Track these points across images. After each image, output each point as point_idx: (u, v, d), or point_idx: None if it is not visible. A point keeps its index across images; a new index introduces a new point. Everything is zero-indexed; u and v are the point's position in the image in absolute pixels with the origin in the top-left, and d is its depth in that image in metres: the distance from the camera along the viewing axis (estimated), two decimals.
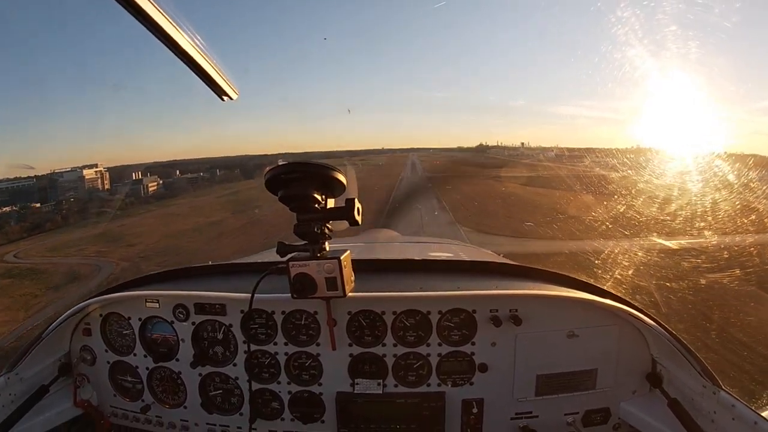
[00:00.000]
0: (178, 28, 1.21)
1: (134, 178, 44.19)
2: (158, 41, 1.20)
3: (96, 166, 41.67)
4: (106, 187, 41.58)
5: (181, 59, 1.29)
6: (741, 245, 8.33)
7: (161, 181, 45.64)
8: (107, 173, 42.13)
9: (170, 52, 1.25)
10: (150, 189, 42.71)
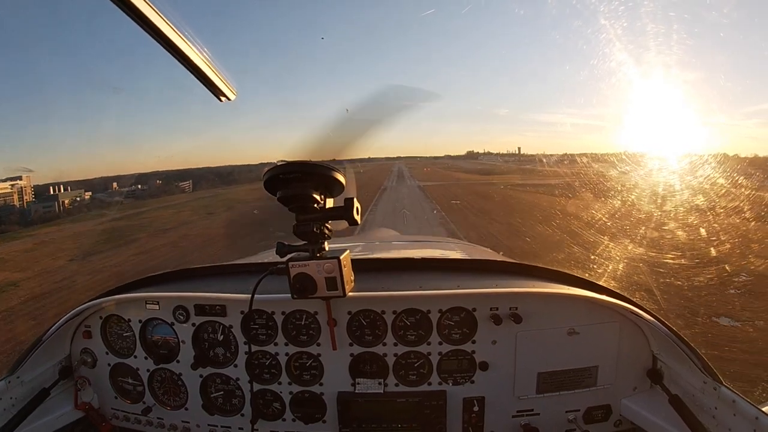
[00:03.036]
0: (176, 30, 1.21)
1: (51, 192, 40.49)
2: (159, 46, 1.20)
3: (20, 179, 38.77)
4: (27, 202, 38.49)
5: (180, 61, 1.29)
6: None
7: (88, 197, 42.37)
8: (31, 188, 38.93)
9: (169, 54, 1.25)
10: (68, 206, 38.82)
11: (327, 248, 1.60)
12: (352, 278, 1.65)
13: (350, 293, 1.62)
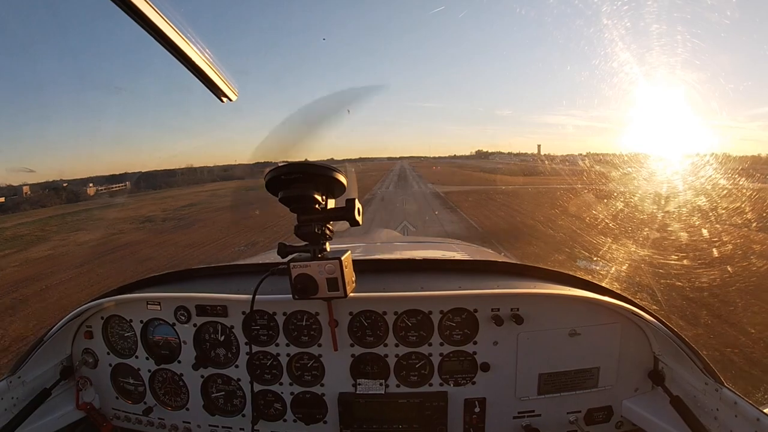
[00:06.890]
0: (178, 31, 1.21)
1: None
2: (159, 46, 1.20)
3: None
4: None
5: (182, 62, 1.29)
6: None
7: None
8: None
9: (171, 55, 1.25)
10: None
11: (328, 249, 1.60)
12: (354, 279, 1.65)
13: (351, 294, 1.62)
